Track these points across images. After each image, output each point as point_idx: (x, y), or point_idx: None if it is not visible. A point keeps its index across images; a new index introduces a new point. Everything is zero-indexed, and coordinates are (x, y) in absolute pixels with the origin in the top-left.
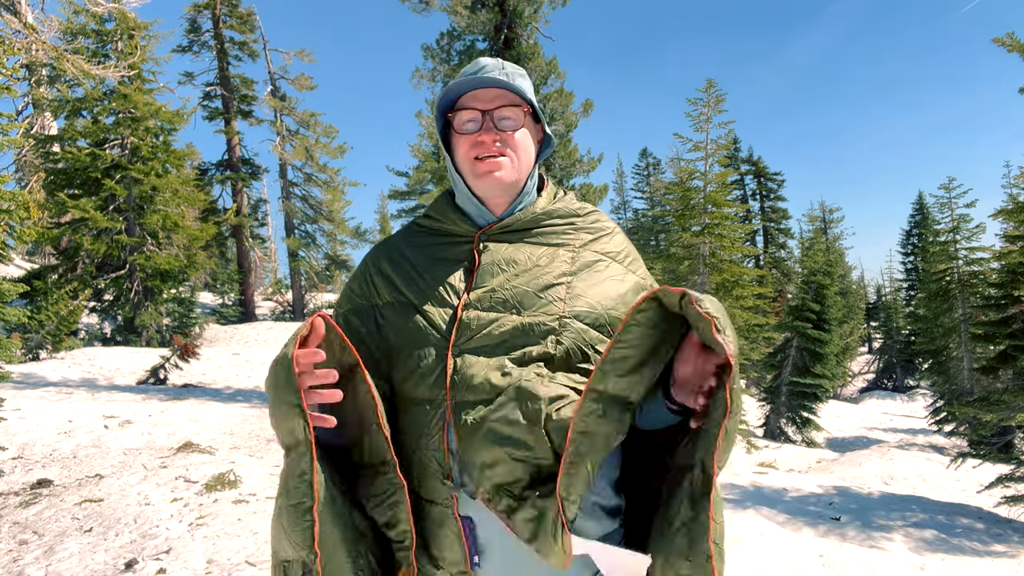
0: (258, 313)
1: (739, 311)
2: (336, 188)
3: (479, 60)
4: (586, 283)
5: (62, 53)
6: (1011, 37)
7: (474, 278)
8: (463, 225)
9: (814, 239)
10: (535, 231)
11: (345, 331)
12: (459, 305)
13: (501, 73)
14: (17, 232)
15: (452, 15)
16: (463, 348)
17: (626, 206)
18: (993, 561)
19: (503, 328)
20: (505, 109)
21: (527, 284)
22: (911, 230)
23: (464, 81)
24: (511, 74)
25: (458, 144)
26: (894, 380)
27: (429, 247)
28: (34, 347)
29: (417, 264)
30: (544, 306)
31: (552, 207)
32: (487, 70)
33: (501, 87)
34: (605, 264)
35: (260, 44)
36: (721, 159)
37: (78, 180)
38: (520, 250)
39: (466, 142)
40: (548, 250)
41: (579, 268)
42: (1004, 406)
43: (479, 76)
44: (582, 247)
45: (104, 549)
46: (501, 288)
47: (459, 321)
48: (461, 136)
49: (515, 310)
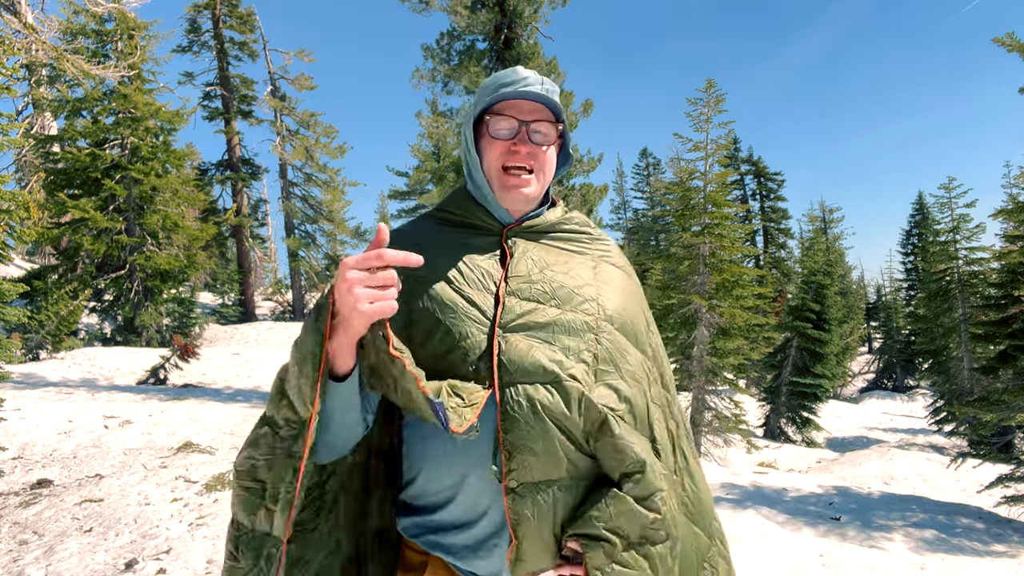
0: (258, 313)
1: (739, 311)
2: (336, 188)
3: (519, 70)
4: (610, 291)
5: (62, 53)
6: (1011, 37)
7: (508, 267)
8: (489, 220)
9: (814, 239)
10: (555, 235)
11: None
12: (500, 289)
13: (542, 88)
14: (17, 232)
15: (452, 15)
16: (508, 329)
17: (626, 206)
18: (993, 561)
19: (546, 317)
20: (541, 124)
21: (561, 280)
22: (911, 230)
23: (510, 91)
24: (550, 91)
25: (489, 147)
26: (894, 380)
27: (456, 235)
28: (34, 347)
29: (448, 248)
30: (580, 304)
31: (567, 217)
32: (529, 82)
33: (543, 103)
34: (621, 275)
35: (260, 44)
36: (721, 159)
37: (78, 180)
38: (547, 249)
39: (499, 147)
40: (571, 255)
41: (602, 275)
42: (1004, 406)
43: (525, 89)
44: (600, 257)
45: (104, 549)
46: (539, 280)
47: (503, 304)
48: (494, 140)
49: (554, 303)
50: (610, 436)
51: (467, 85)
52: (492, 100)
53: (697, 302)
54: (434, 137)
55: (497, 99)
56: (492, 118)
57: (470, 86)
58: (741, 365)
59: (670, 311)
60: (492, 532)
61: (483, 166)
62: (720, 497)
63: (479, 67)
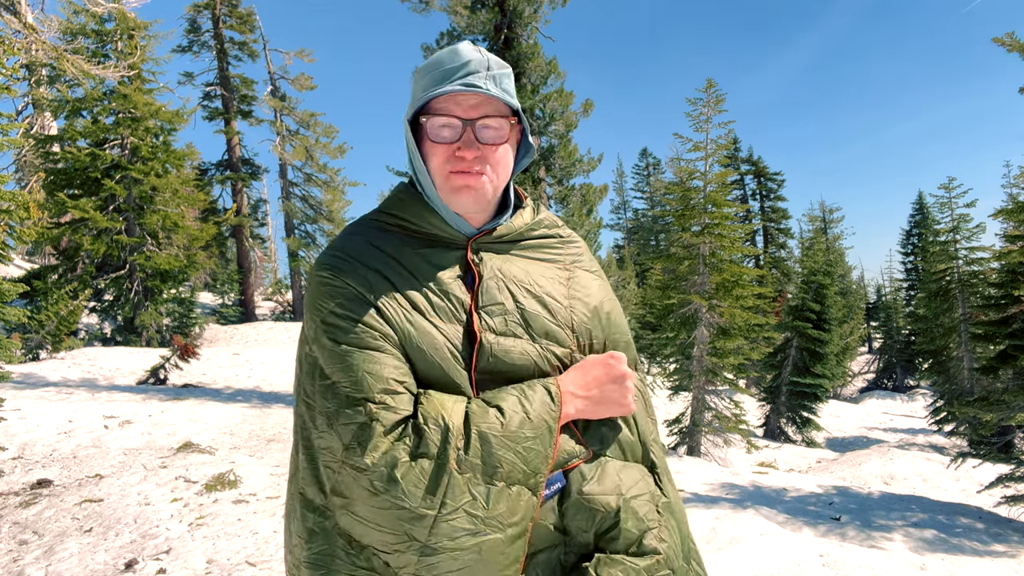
0: (258, 313)
1: (739, 311)
2: (336, 188)
3: (459, 49)
4: (582, 307)
5: (62, 53)
6: (1011, 37)
7: (478, 292)
8: (449, 230)
9: (814, 239)
10: (524, 244)
11: (376, 322)
12: (474, 323)
13: (487, 76)
14: (17, 232)
15: (452, 15)
16: (484, 373)
17: (626, 206)
18: (993, 561)
19: (524, 358)
20: (489, 119)
21: (536, 307)
22: (911, 230)
23: (446, 90)
24: (498, 77)
25: (432, 152)
26: (894, 380)
27: (417, 252)
28: (34, 347)
29: (410, 268)
30: (555, 332)
31: (536, 220)
32: (471, 68)
33: (489, 95)
34: (594, 279)
35: (260, 44)
36: (721, 159)
37: (78, 180)
38: (515, 263)
39: (442, 153)
40: (541, 265)
41: (575, 289)
42: (1004, 406)
43: (464, 79)
44: (572, 263)
45: (104, 549)
46: (512, 310)
47: (480, 345)
48: (436, 144)
49: (529, 336)
50: (573, 496)
51: None
52: (425, 99)
53: (697, 302)
54: None
55: (431, 98)
56: (430, 118)
57: None
58: (741, 365)
59: (670, 311)
60: None
61: (429, 172)
62: (720, 497)
63: None
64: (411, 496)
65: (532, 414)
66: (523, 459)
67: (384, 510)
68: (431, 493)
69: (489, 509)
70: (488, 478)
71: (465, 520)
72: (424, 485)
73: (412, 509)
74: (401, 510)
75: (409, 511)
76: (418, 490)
